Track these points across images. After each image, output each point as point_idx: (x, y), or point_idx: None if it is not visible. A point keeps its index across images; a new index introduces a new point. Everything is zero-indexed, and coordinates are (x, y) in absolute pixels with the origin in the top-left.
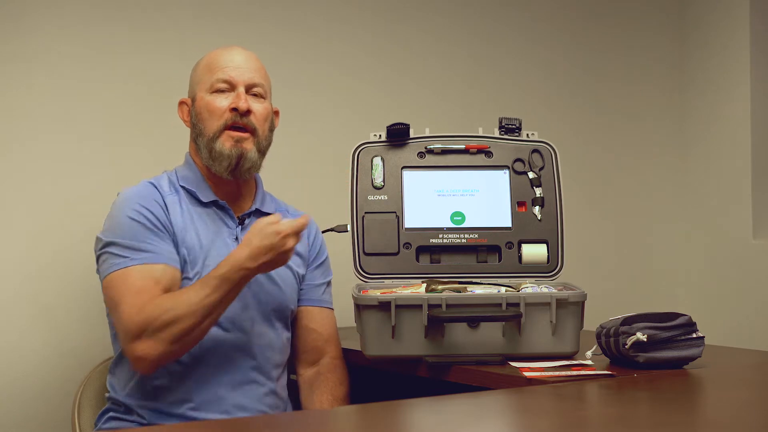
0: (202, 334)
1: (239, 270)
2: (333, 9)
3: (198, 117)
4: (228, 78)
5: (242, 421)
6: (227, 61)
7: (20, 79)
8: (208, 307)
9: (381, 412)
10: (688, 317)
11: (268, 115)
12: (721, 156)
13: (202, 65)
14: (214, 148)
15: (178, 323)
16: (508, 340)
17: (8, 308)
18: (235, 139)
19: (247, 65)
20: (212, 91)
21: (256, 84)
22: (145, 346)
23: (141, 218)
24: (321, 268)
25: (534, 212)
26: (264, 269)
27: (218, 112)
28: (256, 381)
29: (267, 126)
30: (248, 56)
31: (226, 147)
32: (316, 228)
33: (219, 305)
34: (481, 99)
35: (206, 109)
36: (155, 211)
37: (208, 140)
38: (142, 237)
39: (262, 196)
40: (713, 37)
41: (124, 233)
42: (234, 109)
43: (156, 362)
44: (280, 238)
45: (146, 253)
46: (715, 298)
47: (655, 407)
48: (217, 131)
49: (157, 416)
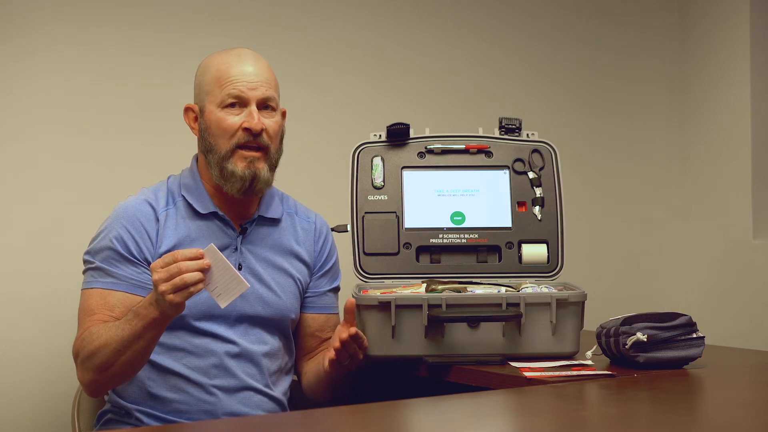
0: (129, 367)
1: (147, 306)
2: (333, 9)
3: (208, 132)
4: (239, 93)
5: (242, 422)
6: (238, 75)
7: (20, 78)
8: (123, 341)
9: (381, 412)
10: (688, 317)
11: (279, 128)
12: (722, 156)
13: (211, 74)
14: (226, 168)
15: (98, 354)
16: (508, 340)
17: (8, 309)
18: (248, 160)
19: (259, 78)
20: (223, 106)
21: (268, 98)
22: (79, 372)
23: (119, 245)
24: (328, 276)
25: (534, 212)
26: (172, 305)
27: (230, 131)
28: (254, 388)
29: (278, 140)
30: (259, 66)
31: (239, 168)
32: (325, 234)
33: (134, 340)
34: (481, 99)
35: (217, 126)
36: (138, 237)
37: (220, 159)
38: (113, 262)
39: (269, 200)
40: (713, 38)
41: (100, 255)
42: (246, 129)
43: (91, 388)
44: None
45: (111, 278)
46: (715, 298)
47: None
48: (228, 151)
49: (155, 420)
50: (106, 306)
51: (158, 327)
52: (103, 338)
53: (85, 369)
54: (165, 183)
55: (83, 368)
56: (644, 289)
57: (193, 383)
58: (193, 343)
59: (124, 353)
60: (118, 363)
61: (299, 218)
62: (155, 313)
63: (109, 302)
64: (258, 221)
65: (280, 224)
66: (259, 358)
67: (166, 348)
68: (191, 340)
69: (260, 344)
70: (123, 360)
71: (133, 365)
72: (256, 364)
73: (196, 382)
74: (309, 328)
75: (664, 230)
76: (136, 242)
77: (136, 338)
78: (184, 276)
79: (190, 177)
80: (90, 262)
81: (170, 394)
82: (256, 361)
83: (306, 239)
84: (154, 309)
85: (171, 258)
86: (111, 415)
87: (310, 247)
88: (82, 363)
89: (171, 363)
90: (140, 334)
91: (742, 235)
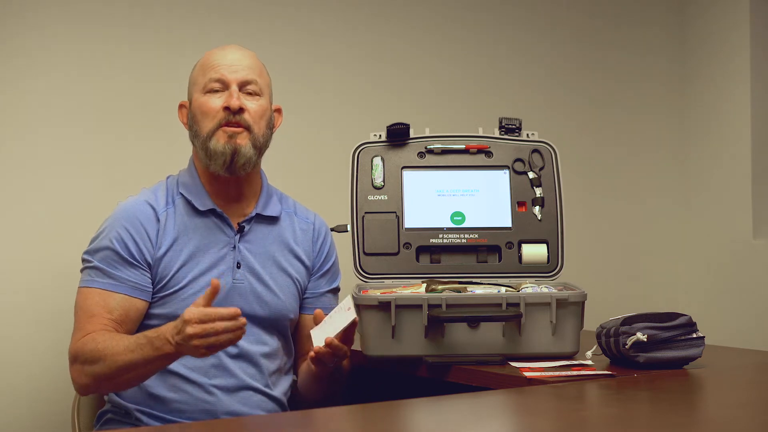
0: (130, 383)
1: (164, 340)
2: (333, 8)
3: (194, 119)
4: (220, 77)
5: (242, 422)
6: (220, 60)
7: (20, 77)
8: (131, 363)
9: (381, 412)
10: (688, 317)
11: (264, 112)
12: (722, 156)
13: (197, 66)
14: (209, 147)
15: (101, 364)
16: (508, 340)
17: (8, 309)
18: (228, 134)
19: (241, 63)
20: (206, 91)
21: (249, 81)
22: (74, 371)
23: (119, 246)
24: (327, 276)
25: (534, 212)
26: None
27: (212, 113)
28: (253, 387)
29: (263, 124)
30: (243, 54)
31: (220, 143)
32: (324, 234)
33: (142, 365)
34: (481, 99)
35: (200, 110)
36: (138, 239)
37: (204, 140)
38: (113, 263)
39: (266, 199)
40: (713, 37)
41: (99, 254)
42: (227, 108)
43: (84, 389)
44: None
45: (110, 280)
46: (715, 298)
47: (655, 407)
48: (211, 131)
49: (154, 420)
50: (105, 308)
51: (171, 360)
52: (109, 351)
53: (84, 373)
54: (164, 183)
55: (81, 371)
56: (644, 289)
57: (192, 383)
58: None
59: (129, 373)
60: (120, 379)
61: (298, 218)
62: (171, 349)
63: (109, 304)
64: (256, 219)
65: (279, 223)
66: (258, 359)
67: None
68: None
69: (259, 345)
70: (126, 378)
71: (134, 383)
72: (255, 365)
73: (196, 382)
74: (307, 329)
75: (664, 230)
76: (136, 243)
77: (145, 364)
78: (221, 338)
79: (188, 175)
80: (89, 261)
81: (170, 393)
82: (256, 362)
83: (304, 239)
84: (171, 347)
85: (207, 317)
86: (111, 415)
87: (308, 248)
88: (81, 365)
89: None
90: (151, 362)
91: (742, 235)
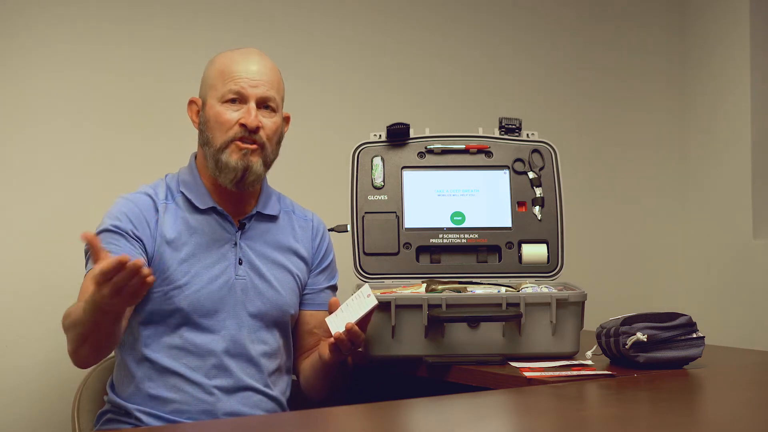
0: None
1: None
2: (333, 8)
3: (206, 125)
4: (240, 89)
5: (242, 422)
6: (242, 72)
7: (19, 76)
8: (83, 324)
9: (381, 412)
10: (688, 317)
11: (277, 129)
12: (722, 156)
13: (216, 69)
14: (221, 160)
15: (71, 330)
16: (508, 340)
17: (8, 309)
18: (242, 152)
19: (261, 78)
20: (223, 101)
21: (268, 98)
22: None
23: (115, 226)
24: (326, 272)
25: (534, 212)
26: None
27: (227, 125)
28: (253, 387)
29: (275, 140)
30: (264, 66)
31: (232, 159)
32: (322, 230)
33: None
34: (481, 99)
35: (215, 120)
36: (134, 219)
37: (215, 151)
38: (109, 241)
39: (266, 198)
40: (713, 37)
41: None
42: (243, 125)
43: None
44: None
45: None
46: (715, 298)
47: (655, 407)
48: (224, 144)
49: (154, 420)
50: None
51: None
52: (72, 316)
53: (68, 342)
54: (163, 180)
55: (67, 342)
56: (644, 289)
57: (192, 383)
58: (192, 342)
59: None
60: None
61: (296, 217)
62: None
63: None
64: (256, 217)
65: (278, 221)
66: (258, 358)
67: (165, 348)
68: (190, 339)
69: (259, 344)
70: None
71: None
72: (254, 364)
73: (196, 382)
74: (307, 325)
75: (665, 230)
76: (132, 224)
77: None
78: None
79: (188, 174)
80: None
81: (170, 393)
82: (255, 361)
83: (304, 236)
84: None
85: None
86: (111, 415)
87: (308, 244)
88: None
89: (170, 363)
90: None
91: (742, 235)
